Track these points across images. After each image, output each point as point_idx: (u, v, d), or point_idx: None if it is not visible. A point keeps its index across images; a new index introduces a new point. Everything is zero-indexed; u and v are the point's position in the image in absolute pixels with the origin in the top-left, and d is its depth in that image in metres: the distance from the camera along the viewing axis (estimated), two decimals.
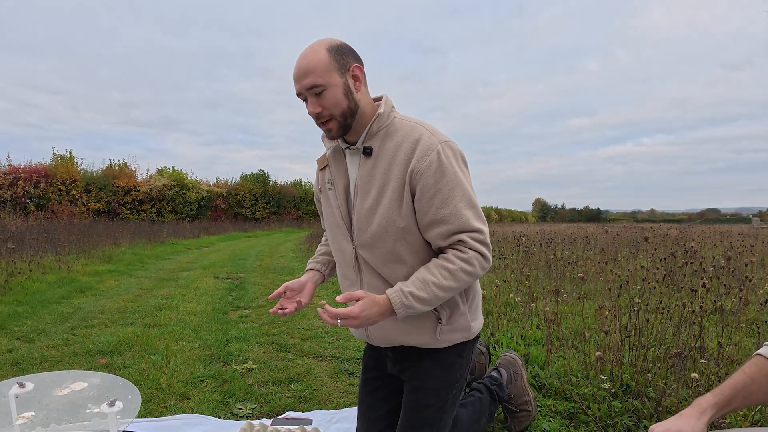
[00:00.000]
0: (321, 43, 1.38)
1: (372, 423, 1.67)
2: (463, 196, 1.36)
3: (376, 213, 1.41)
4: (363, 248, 1.46)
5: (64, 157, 22.41)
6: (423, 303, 1.33)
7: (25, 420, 0.95)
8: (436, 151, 1.35)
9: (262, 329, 3.81)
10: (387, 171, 1.40)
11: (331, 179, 1.54)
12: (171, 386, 2.50)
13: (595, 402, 2.16)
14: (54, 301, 4.84)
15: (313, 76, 1.34)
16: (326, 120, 1.39)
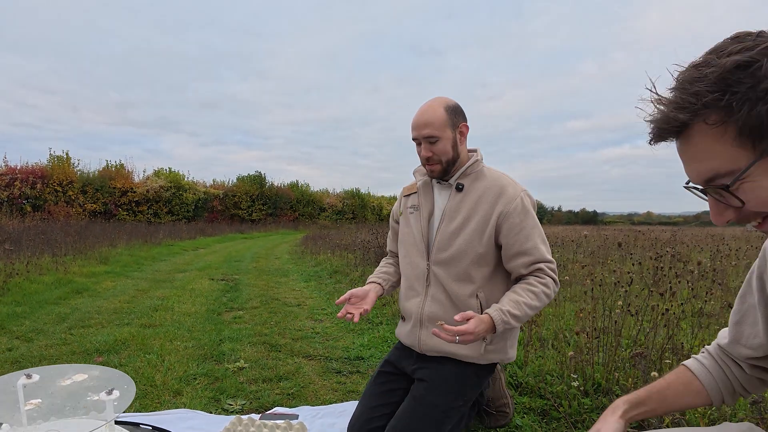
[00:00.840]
0: (440, 101, 1.74)
1: (370, 410, 1.83)
2: (540, 235, 1.73)
3: (459, 236, 1.75)
4: (438, 265, 1.78)
5: (61, 158, 22.47)
6: (517, 320, 1.62)
7: (32, 406, 1.07)
8: (520, 198, 1.73)
9: (254, 330, 3.92)
10: (474, 205, 1.76)
11: (416, 205, 1.89)
12: (165, 383, 2.61)
13: (566, 399, 2.29)
14: (51, 302, 4.95)
15: (431, 128, 1.70)
16: (434, 163, 1.75)
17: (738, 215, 0.75)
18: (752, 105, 0.63)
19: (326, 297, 5.52)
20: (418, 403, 1.70)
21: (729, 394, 1.05)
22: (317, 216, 33.21)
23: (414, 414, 1.68)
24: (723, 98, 0.64)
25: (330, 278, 6.98)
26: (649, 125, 0.73)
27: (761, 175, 0.68)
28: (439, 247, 1.79)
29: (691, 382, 1.06)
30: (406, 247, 1.92)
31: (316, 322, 4.33)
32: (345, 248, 9.91)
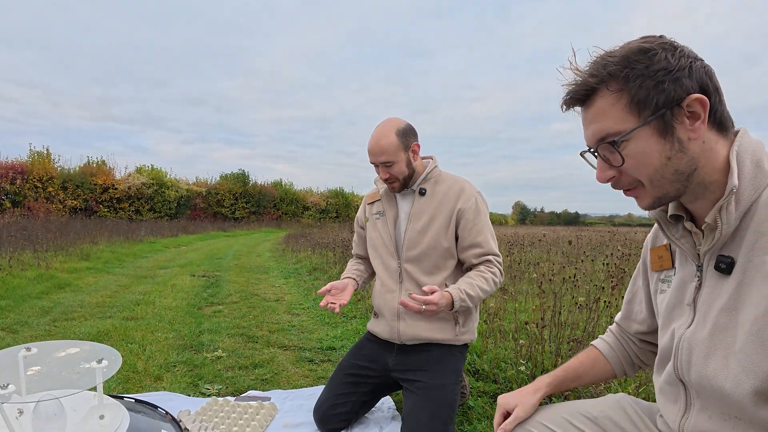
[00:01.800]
0: (391, 125, 1.97)
1: (335, 396, 2.05)
2: (490, 231, 2.02)
3: (426, 235, 1.99)
4: (408, 262, 2.02)
5: (41, 154, 22.33)
6: (471, 299, 1.86)
7: (33, 371, 1.26)
8: (475, 198, 2.01)
9: (233, 322, 4.10)
10: (438, 205, 2.00)
11: (381, 211, 2.13)
12: (146, 370, 2.78)
13: (516, 383, 2.51)
14: (34, 296, 5.06)
15: (386, 155, 1.93)
16: (393, 181, 2.00)
17: (618, 176, 0.89)
18: (643, 80, 0.81)
19: (304, 293, 5.71)
20: (429, 390, 1.90)
21: (629, 366, 1.23)
22: (301, 215, 33.30)
23: (430, 399, 1.88)
24: (623, 71, 0.82)
25: (309, 275, 7.16)
26: (565, 90, 0.89)
27: (642, 140, 0.84)
28: (409, 246, 2.01)
29: (598, 358, 1.23)
30: (376, 250, 2.14)
31: (293, 316, 4.51)
32: (325, 246, 10.10)
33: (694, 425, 0.93)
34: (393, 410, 2.29)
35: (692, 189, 0.88)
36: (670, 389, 0.99)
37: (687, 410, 0.95)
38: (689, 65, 0.82)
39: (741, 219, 0.84)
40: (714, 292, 0.88)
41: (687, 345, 0.91)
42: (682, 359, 0.92)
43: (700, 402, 0.93)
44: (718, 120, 0.85)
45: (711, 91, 0.83)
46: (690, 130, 0.83)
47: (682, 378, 0.94)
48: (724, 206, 0.83)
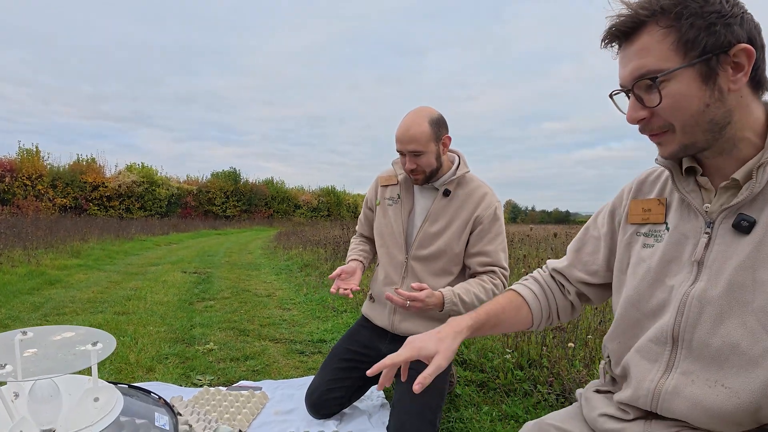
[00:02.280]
0: (425, 114, 1.87)
1: (328, 381, 2.08)
2: (502, 243, 1.97)
3: (440, 238, 1.95)
4: (416, 260, 2.00)
5: (30, 151, 22.14)
6: (464, 305, 1.82)
7: (30, 353, 1.30)
8: (495, 207, 1.96)
9: (224, 317, 4.13)
10: (457, 210, 1.96)
11: (395, 198, 2.06)
12: (138, 361, 2.81)
13: (502, 372, 2.57)
14: (25, 292, 5.05)
15: (416, 144, 1.83)
16: (418, 174, 1.91)
17: (649, 118, 0.87)
18: (695, 20, 0.79)
19: (295, 288, 5.74)
20: None
21: (546, 318, 1.21)
22: (292, 213, 33.27)
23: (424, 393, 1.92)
24: (677, 7, 0.80)
25: (300, 271, 7.20)
26: (609, 23, 0.86)
27: (683, 82, 0.81)
28: (420, 245, 1.99)
29: (521, 306, 1.18)
30: (384, 238, 2.10)
31: (285, 310, 4.55)
32: (317, 244, 10.13)
33: (674, 387, 0.90)
34: (382, 398, 2.34)
35: (721, 143, 0.86)
36: (653, 347, 0.95)
37: (668, 371, 0.92)
38: (742, 14, 0.81)
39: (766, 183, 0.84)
40: (728, 250, 0.87)
41: (697, 303, 0.88)
42: (690, 316, 0.89)
43: (688, 364, 0.90)
44: (758, 78, 0.84)
45: (758, 46, 0.82)
46: (732, 80, 0.81)
47: (679, 336, 0.91)
48: (764, 164, 0.83)
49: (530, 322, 1.19)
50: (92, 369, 1.32)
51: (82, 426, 1.25)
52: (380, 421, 2.09)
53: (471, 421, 2.14)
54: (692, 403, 0.88)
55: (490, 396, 2.42)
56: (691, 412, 0.88)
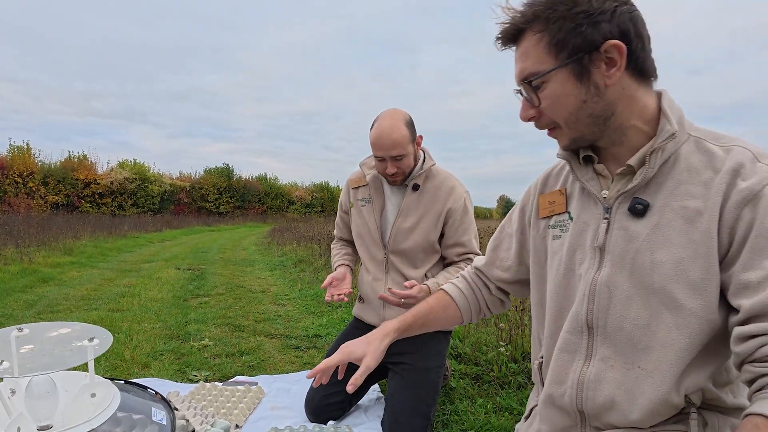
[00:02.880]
0: (399, 117, 1.91)
1: (327, 387, 2.06)
2: (474, 231, 2.08)
3: (415, 231, 2.02)
4: (395, 254, 2.07)
5: (21, 149, 22.00)
6: None
7: (27, 349, 1.30)
8: (464, 198, 2.05)
9: (219, 313, 4.13)
10: (428, 204, 2.02)
11: (366, 198, 2.11)
12: (134, 358, 2.81)
13: (496, 365, 2.59)
14: (18, 290, 5.03)
15: (399, 149, 1.87)
16: (398, 176, 1.96)
17: (538, 116, 0.92)
18: (563, 22, 0.82)
19: (290, 284, 5.74)
20: (413, 372, 1.95)
21: (476, 313, 1.25)
22: (286, 209, 33.21)
23: (414, 381, 1.93)
24: (546, 12, 0.83)
25: (295, 267, 7.20)
26: (499, 30, 0.91)
27: (558, 82, 0.86)
28: (396, 240, 2.05)
29: (449, 305, 1.24)
30: (362, 238, 2.15)
31: (279, 306, 4.55)
32: (311, 239, 10.13)
33: (595, 375, 0.92)
34: (377, 392, 2.35)
35: (609, 133, 0.90)
36: (571, 338, 0.96)
37: (588, 360, 0.93)
38: (612, 9, 0.82)
39: (660, 167, 0.87)
40: (627, 234, 0.89)
41: (605, 288, 0.90)
42: (600, 303, 0.91)
43: (605, 350, 0.91)
44: (639, 67, 0.86)
45: (632, 38, 0.83)
46: (606, 75, 0.84)
47: (593, 323, 0.92)
48: (656, 151, 0.86)
49: (459, 318, 1.25)
50: (89, 365, 1.32)
51: (79, 422, 1.25)
52: (375, 415, 2.11)
53: (466, 413, 2.16)
54: (614, 388, 0.89)
55: (485, 389, 2.44)
56: (615, 397, 0.89)
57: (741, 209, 0.79)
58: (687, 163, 0.85)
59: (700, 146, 0.86)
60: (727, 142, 0.86)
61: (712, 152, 0.85)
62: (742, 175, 0.80)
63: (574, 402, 0.95)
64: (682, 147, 0.87)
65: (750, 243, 0.77)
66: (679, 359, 0.84)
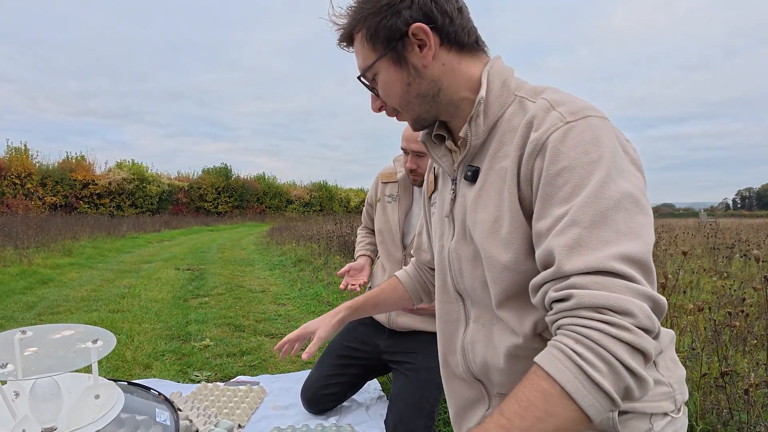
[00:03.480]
0: None
1: (325, 377, 2.10)
2: None
3: None
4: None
5: (18, 150, 21.96)
6: None
7: (30, 352, 1.31)
8: None
9: (219, 313, 4.14)
10: None
11: (394, 195, 2.09)
12: (135, 359, 2.82)
13: None
14: (18, 292, 5.03)
15: (420, 144, 1.81)
16: (417, 175, 1.95)
17: (384, 105, 0.97)
18: (372, 18, 0.87)
19: (290, 284, 5.75)
20: (417, 372, 1.95)
21: (425, 294, 1.33)
22: (284, 208, 33.19)
23: (418, 381, 1.93)
24: (360, 12, 0.89)
25: (294, 266, 7.20)
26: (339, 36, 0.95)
27: (384, 71, 0.91)
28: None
29: (397, 286, 1.33)
30: (382, 235, 2.14)
31: (279, 306, 4.56)
32: (310, 239, 10.13)
33: (471, 337, 0.97)
34: (379, 391, 2.36)
35: (444, 108, 0.93)
36: (449, 308, 1.03)
37: (466, 325, 0.99)
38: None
39: (488, 133, 0.89)
40: (463, 200, 0.94)
41: (456, 255, 0.96)
42: (455, 270, 0.97)
43: (475, 311, 0.97)
44: (454, 40, 0.89)
45: (436, 16, 0.86)
46: (422, 56, 0.87)
47: (459, 290, 0.99)
48: (473, 118, 0.88)
49: (408, 299, 1.33)
50: (92, 367, 1.33)
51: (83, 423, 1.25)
52: (378, 414, 2.11)
53: None
54: (484, 346, 0.94)
55: None
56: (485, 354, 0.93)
57: (533, 161, 0.79)
58: (509, 125, 0.87)
59: (522, 105, 0.87)
60: (539, 94, 0.86)
61: (526, 108, 0.85)
62: (534, 126, 0.80)
63: (463, 368, 1.00)
64: (508, 109, 0.88)
65: (540, 192, 0.77)
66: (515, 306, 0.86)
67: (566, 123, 0.77)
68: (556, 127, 0.77)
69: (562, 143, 0.76)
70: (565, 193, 0.74)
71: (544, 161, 0.77)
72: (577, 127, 0.76)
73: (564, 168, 0.74)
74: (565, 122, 0.77)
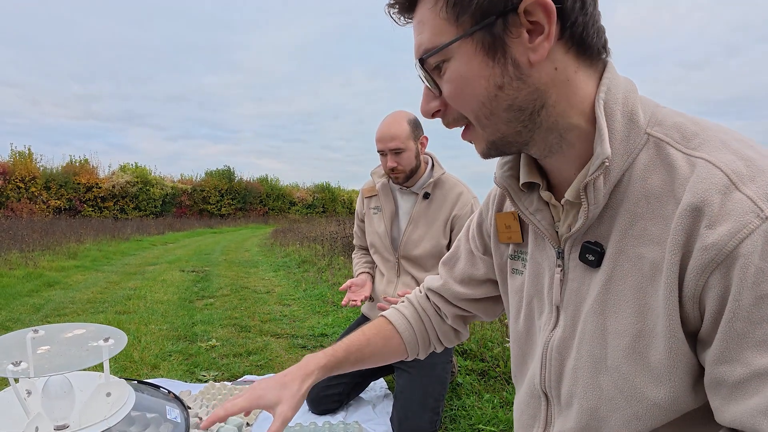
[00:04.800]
0: (403, 115, 2.00)
1: (327, 379, 2.09)
2: None
3: (424, 239, 2.07)
4: (406, 260, 2.12)
5: (23, 154, 22.06)
6: None
7: (43, 350, 1.32)
8: (471, 204, 2.05)
9: (225, 314, 4.15)
10: (436, 212, 2.07)
11: (378, 206, 2.18)
12: (143, 359, 2.84)
13: (502, 360, 2.60)
14: (24, 294, 5.06)
15: (397, 141, 1.95)
16: (398, 172, 2.01)
17: (444, 108, 0.66)
18: None
19: (294, 284, 5.76)
20: (421, 368, 1.96)
21: (424, 347, 1.03)
22: (287, 210, 33.23)
23: (422, 377, 1.95)
24: None
25: (298, 268, 7.22)
26: None
27: (462, 59, 0.60)
28: (406, 248, 2.11)
29: (392, 337, 1.00)
30: (375, 245, 2.23)
31: (285, 306, 4.57)
32: (313, 240, 10.15)
33: None
34: (385, 389, 2.37)
35: (542, 135, 0.64)
36: (530, 400, 0.80)
37: (547, 428, 0.77)
38: None
39: (611, 194, 0.62)
40: (581, 288, 0.68)
41: (557, 354, 0.72)
42: (552, 370, 0.73)
43: (562, 422, 0.73)
44: (578, 38, 0.59)
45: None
46: (530, 48, 0.58)
47: (547, 391, 0.75)
48: (591, 182, 0.61)
49: (404, 353, 1.01)
50: (104, 364, 1.34)
51: (95, 421, 1.27)
52: (384, 411, 2.13)
53: (473, 408, 2.18)
54: None
55: (491, 384, 2.46)
56: None
57: (708, 275, 0.54)
58: (643, 187, 0.60)
59: (662, 155, 0.59)
60: (697, 145, 0.58)
61: (674, 167, 0.58)
62: (707, 218, 0.53)
63: None
64: (639, 156, 0.61)
65: (723, 326, 0.53)
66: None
67: (766, 220, 0.50)
68: (751, 228, 0.50)
69: (764, 257, 0.50)
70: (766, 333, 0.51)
71: (730, 281, 0.52)
72: None
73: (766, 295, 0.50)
74: (763, 219, 0.50)
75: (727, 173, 0.53)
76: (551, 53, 0.59)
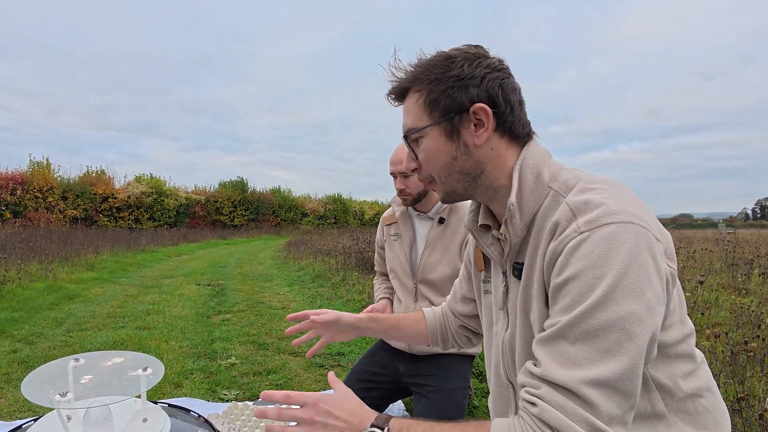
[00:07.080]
0: None
1: None
2: None
3: (441, 263, 2.12)
4: (424, 284, 2.17)
5: (41, 164, 22.40)
6: None
7: (86, 380, 1.39)
8: None
9: (243, 330, 4.22)
10: (451, 236, 2.11)
11: (398, 233, 2.25)
12: (166, 377, 2.91)
13: None
14: (45, 307, 5.17)
15: (404, 166, 2.01)
16: (406, 195, 2.09)
17: (419, 168, 0.98)
18: (437, 84, 0.89)
19: (309, 300, 5.82)
20: (439, 393, 2.01)
21: (443, 341, 1.34)
22: (299, 221, 33.37)
23: (440, 402, 1.99)
24: (425, 74, 0.91)
25: (312, 282, 7.28)
26: (389, 88, 0.97)
27: (432, 138, 0.92)
28: (424, 272, 2.16)
29: (420, 321, 1.35)
30: (394, 270, 2.28)
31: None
32: (327, 254, 10.22)
33: None
34: (403, 411, 2.41)
35: (481, 191, 0.95)
36: (500, 391, 1.03)
37: (516, 410, 0.93)
38: (483, 76, 0.88)
39: (528, 228, 0.89)
40: (514, 296, 0.94)
41: (509, 348, 0.97)
42: (507, 361, 0.98)
43: None
44: (508, 129, 0.91)
45: (500, 102, 0.89)
46: (475, 135, 0.89)
47: (510, 378, 0.98)
48: (508, 219, 0.89)
49: (426, 337, 1.34)
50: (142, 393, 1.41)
51: None
52: None
53: None
54: None
55: None
56: None
57: (550, 269, 0.81)
58: (543, 223, 0.87)
59: (555, 201, 0.86)
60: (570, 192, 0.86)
61: (558, 207, 0.85)
62: (556, 234, 0.81)
63: None
64: (544, 203, 0.88)
65: (549, 298, 0.81)
66: None
67: (580, 234, 0.77)
68: (571, 237, 0.78)
69: (572, 254, 0.77)
70: (564, 304, 0.76)
71: (553, 270, 0.80)
72: (591, 237, 0.76)
73: (568, 278, 0.76)
74: (578, 233, 0.77)
75: (573, 207, 0.81)
76: (489, 139, 0.91)
